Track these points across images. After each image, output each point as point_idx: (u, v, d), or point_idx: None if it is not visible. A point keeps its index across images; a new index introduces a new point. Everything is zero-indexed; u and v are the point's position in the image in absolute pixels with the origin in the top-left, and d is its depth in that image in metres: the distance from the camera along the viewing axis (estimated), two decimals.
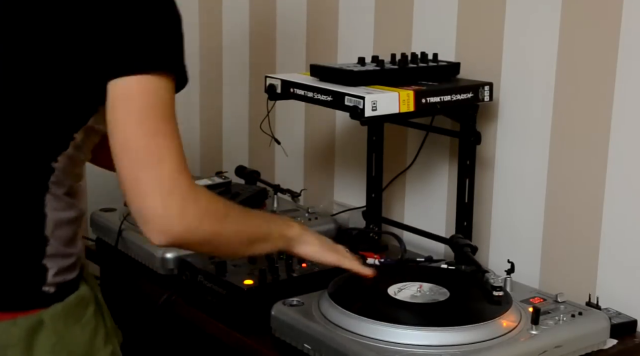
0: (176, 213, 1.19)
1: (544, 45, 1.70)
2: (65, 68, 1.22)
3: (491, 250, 1.86)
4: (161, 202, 1.18)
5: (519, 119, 1.78)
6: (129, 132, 1.19)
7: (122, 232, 1.86)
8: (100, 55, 1.20)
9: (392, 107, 1.59)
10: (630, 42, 1.58)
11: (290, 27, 2.29)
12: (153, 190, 1.18)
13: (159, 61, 1.21)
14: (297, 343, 1.44)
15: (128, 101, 1.19)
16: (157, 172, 1.18)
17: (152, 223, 1.20)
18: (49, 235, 1.27)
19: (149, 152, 1.18)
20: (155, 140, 1.19)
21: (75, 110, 1.26)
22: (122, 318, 1.96)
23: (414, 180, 2.01)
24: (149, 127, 1.19)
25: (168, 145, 1.20)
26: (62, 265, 1.29)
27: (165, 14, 1.23)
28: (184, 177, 1.21)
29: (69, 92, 1.24)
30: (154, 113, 1.19)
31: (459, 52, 1.87)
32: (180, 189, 1.20)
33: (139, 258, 1.82)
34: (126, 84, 1.19)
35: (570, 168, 1.70)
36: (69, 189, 1.30)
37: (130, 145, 1.19)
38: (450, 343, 1.34)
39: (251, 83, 2.42)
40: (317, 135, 2.26)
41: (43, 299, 1.27)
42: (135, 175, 1.19)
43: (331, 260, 1.46)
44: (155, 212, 1.19)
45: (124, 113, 1.19)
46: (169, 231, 1.20)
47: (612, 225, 1.64)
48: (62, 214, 1.29)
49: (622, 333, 1.53)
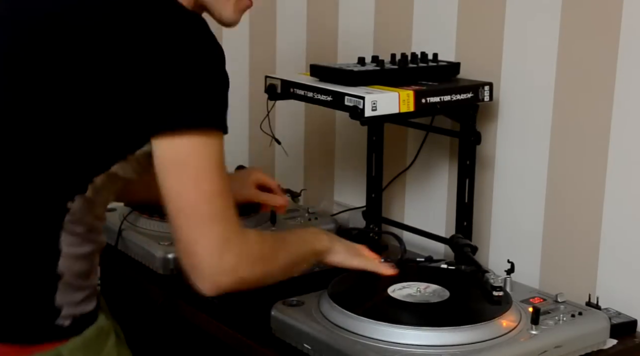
0: (229, 269, 1.23)
1: (544, 45, 1.70)
2: (100, 113, 1.21)
3: (491, 250, 1.86)
4: (215, 261, 1.21)
5: (519, 119, 1.78)
6: (184, 193, 1.20)
7: (122, 232, 1.86)
8: (143, 106, 1.19)
9: (392, 107, 1.59)
10: (630, 42, 1.58)
11: (290, 27, 2.29)
12: (210, 250, 1.21)
13: (207, 118, 1.21)
14: (297, 343, 1.44)
15: (181, 164, 1.20)
16: (213, 232, 1.21)
17: (207, 280, 1.23)
18: (63, 270, 1.27)
19: (206, 213, 1.20)
20: (211, 202, 1.21)
21: (100, 156, 1.24)
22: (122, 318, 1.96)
23: (414, 180, 2.01)
24: (207, 190, 1.20)
25: (224, 205, 1.22)
26: (76, 298, 1.29)
27: (214, 71, 1.22)
28: (237, 231, 1.24)
29: (98, 136, 1.22)
30: (210, 174, 1.21)
31: (459, 52, 1.87)
32: (234, 245, 1.23)
33: (139, 258, 1.81)
34: (176, 144, 1.19)
35: (570, 168, 1.70)
36: (88, 227, 1.30)
37: (187, 208, 1.20)
38: (450, 343, 1.34)
39: (251, 83, 2.42)
40: (317, 135, 2.26)
41: (58, 332, 1.27)
42: (192, 234, 1.21)
43: (357, 266, 1.52)
44: (210, 269, 1.22)
45: (179, 175, 1.20)
46: (221, 285, 1.24)
47: (612, 225, 1.64)
48: (78, 249, 1.29)
49: (622, 333, 1.53)
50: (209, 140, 1.20)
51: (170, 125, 1.18)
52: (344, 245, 1.52)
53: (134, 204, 1.88)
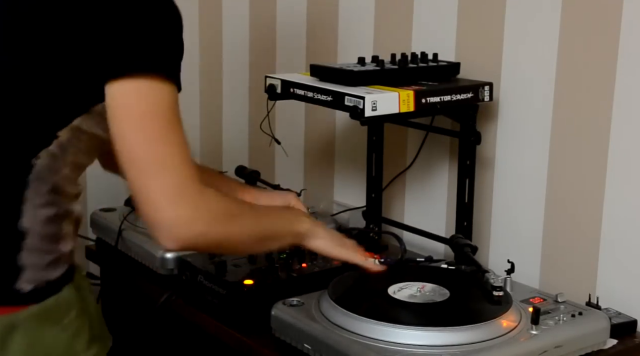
0: (186, 220, 1.20)
1: (544, 45, 1.70)
2: (54, 65, 1.21)
3: (491, 250, 1.86)
4: (170, 210, 1.19)
5: (519, 119, 1.78)
6: (132, 140, 1.19)
7: (122, 232, 1.86)
8: (95, 54, 1.19)
9: (392, 107, 1.59)
10: (630, 42, 1.58)
11: (290, 27, 2.29)
12: (161, 198, 1.19)
13: (156, 63, 1.20)
14: (297, 343, 1.44)
15: (127, 108, 1.19)
16: (164, 180, 1.19)
17: (163, 231, 1.20)
18: (27, 229, 1.25)
19: (154, 161, 1.18)
20: (159, 148, 1.19)
21: (61, 108, 1.23)
22: (122, 318, 1.96)
23: (414, 180, 2.01)
24: (152, 134, 1.19)
25: (173, 151, 1.19)
26: (40, 261, 1.27)
27: (165, 18, 1.22)
28: (192, 182, 1.21)
29: (55, 89, 1.22)
30: (155, 119, 1.19)
31: (459, 52, 1.87)
32: (189, 196, 1.20)
33: (139, 258, 1.81)
34: (124, 89, 1.18)
35: (570, 168, 1.70)
36: (54, 187, 1.27)
37: (134, 154, 1.19)
38: (450, 343, 1.34)
39: (251, 83, 2.42)
40: (317, 135, 2.26)
41: (16, 297, 1.25)
42: (143, 184, 1.19)
43: (340, 255, 1.49)
44: (165, 220, 1.19)
45: (125, 121, 1.19)
46: (180, 238, 1.21)
47: (612, 225, 1.64)
48: (44, 210, 1.26)
49: (622, 333, 1.53)
50: (156, 85, 1.19)
51: (119, 70, 1.18)
52: (328, 232, 1.48)
53: None
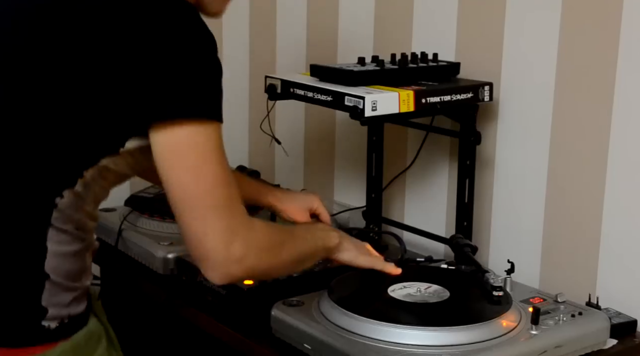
0: (238, 258, 1.22)
1: (544, 45, 1.70)
2: (90, 105, 1.19)
3: (491, 250, 1.86)
4: (221, 250, 1.21)
5: (519, 119, 1.78)
6: (186, 185, 1.19)
7: (122, 231, 1.86)
8: (136, 99, 1.18)
9: (392, 107, 1.59)
10: (631, 43, 1.58)
11: (290, 27, 2.29)
12: (217, 240, 1.20)
13: (206, 109, 1.20)
14: (297, 343, 1.44)
15: (181, 154, 1.19)
16: (219, 221, 1.20)
17: (213, 269, 1.22)
18: (49, 270, 1.24)
19: (208, 202, 1.19)
20: (214, 192, 1.20)
21: (89, 149, 1.22)
22: (122, 318, 1.96)
23: (414, 180, 2.01)
24: (207, 179, 1.19)
25: (226, 192, 1.21)
26: (64, 299, 1.26)
27: (207, 60, 1.21)
28: (243, 221, 1.23)
29: (86, 129, 1.21)
30: (210, 165, 1.20)
31: (459, 52, 1.87)
32: (241, 234, 1.22)
33: (139, 258, 1.81)
34: (175, 135, 1.18)
35: (570, 168, 1.70)
36: (77, 224, 1.27)
37: (188, 196, 1.19)
38: (450, 343, 1.34)
39: (251, 83, 2.42)
40: (317, 135, 2.26)
41: (45, 335, 1.24)
42: (195, 224, 1.20)
43: (365, 264, 1.53)
44: (216, 259, 1.21)
45: (179, 167, 1.19)
46: (231, 274, 1.24)
47: (612, 225, 1.64)
48: (67, 248, 1.26)
49: (622, 333, 1.53)
50: (205, 129, 1.19)
51: (164, 116, 1.18)
52: (353, 243, 1.52)
53: None
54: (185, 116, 1.18)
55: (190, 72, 1.19)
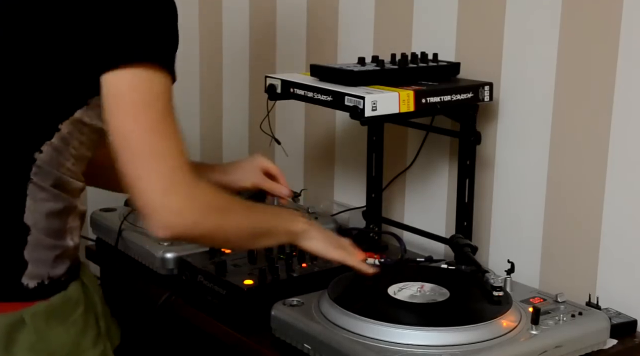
0: (177, 209, 1.21)
1: (544, 45, 1.70)
2: (52, 58, 1.22)
3: (491, 250, 1.86)
4: (161, 198, 1.19)
5: (519, 119, 1.78)
6: (125, 129, 1.19)
7: (122, 232, 1.86)
8: (90, 46, 1.20)
9: (392, 107, 1.59)
10: (630, 43, 1.58)
11: (290, 27, 2.29)
12: (153, 187, 1.19)
13: (149, 53, 1.20)
14: (297, 343, 1.44)
15: (122, 97, 1.19)
16: (157, 169, 1.19)
17: (154, 219, 1.21)
18: (30, 224, 1.26)
19: (147, 150, 1.19)
20: (152, 137, 1.19)
21: (60, 101, 1.24)
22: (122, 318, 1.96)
23: (414, 180, 2.01)
24: (146, 124, 1.19)
25: (166, 141, 1.20)
26: (44, 256, 1.27)
27: (159, 7, 1.22)
28: (184, 172, 1.21)
29: (54, 82, 1.23)
30: (149, 109, 1.19)
31: (459, 52, 1.87)
32: (181, 185, 1.21)
33: (139, 258, 1.82)
34: (118, 79, 1.19)
35: (570, 168, 1.70)
36: (57, 181, 1.28)
37: (128, 142, 1.19)
38: (450, 343, 1.34)
39: (251, 83, 2.42)
40: (317, 135, 2.26)
41: (23, 293, 1.25)
42: (136, 172, 1.19)
43: (335, 257, 1.48)
44: (156, 208, 1.20)
45: (119, 111, 1.19)
46: (170, 226, 1.21)
47: (612, 224, 1.64)
48: (47, 205, 1.27)
49: (622, 333, 1.53)
50: (148, 75, 1.19)
51: (113, 61, 1.19)
52: (323, 233, 1.48)
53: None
54: (128, 60, 1.18)
55: (137, 17, 1.20)
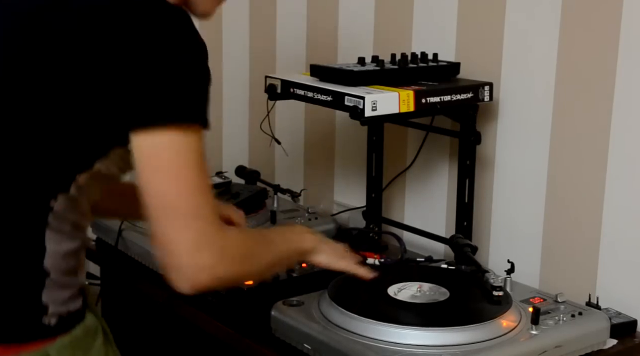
0: (210, 267, 1.20)
1: (544, 45, 1.70)
2: (79, 110, 1.19)
3: (491, 250, 1.86)
4: (193, 259, 1.19)
5: (519, 119, 1.78)
6: (164, 190, 1.18)
7: (122, 232, 1.86)
8: (121, 102, 1.17)
9: (392, 107, 1.59)
10: (630, 42, 1.58)
11: (290, 27, 2.29)
12: (186, 248, 1.19)
13: (187, 113, 1.18)
14: (297, 343, 1.44)
15: (158, 158, 1.18)
16: (196, 229, 1.19)
17: (182, 278, 1.20)
18: (49, 268, 1.25)
19: (182, 210, 1.18)
20: (193, 198, 1.18)
21: (82, 154, 1.23)
22: (122, 318, 1.96)
23: (414, 180, 2.01)
24: (186, 185, 1.18)
25: (203, 200, 1.19)
26: (63, 296, 1.27)
27: (194, 66, 1.20)
28: (216, 228, 1.21)
29: (79, 134, 1.21)
30: (186, 169, 1.18)
31: (459, 52, 1.87)
32: (213, 244, 1.21)
33: (139, 258, 1.82)
34: (155, 139, 1.17)
35: (570, 168, 1.70)
36: (74, 224, 1.28)
37: (163, 204, 1.18)
38: (450, 343, 1.34)
39: (251, 83, 2.42)
40: (317, 135, 2.26)
41: (45, 331, 1.25)
42: (170, 232, 1.18)
43: (341, 267, 1.50)
44: (186, 268, 1.20)
45: (155, 171, 1.18)
46: (198, 284, 1.21)
47: (612, 224, 1.64)
48: (64, 246, 1.27)
49: (622, 333, 1.53)
50: (186, 135, 1.18)
51: (147, 120, 1.17)
52: (329, 245, 1.49)
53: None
54: (165, 121, 1.17)
55: (174, 76, 1.18)
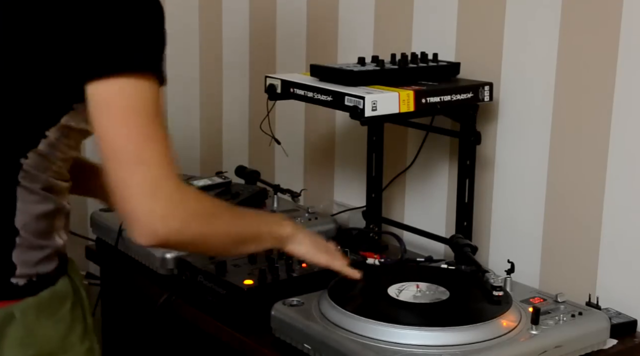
0: (160, 216, 1.20)
1: (544, 45, 1.70)
2: (37, 65, 1.21)
3: (491, 250, 1.86)
4: (145, 205, 1.19)
5: (519, 119, 1.78)
6: (113, 135, 1.19)
7: (122, 232, 1.86)
8: (77, 54, 1.19)
9: (392, 107, 1.59)
10: (630, 42, 1.58)
11: (290, 27, 2.29)
12: (137, 193, 1.19)
13: (137, 62, 1.20)
14: (297, 343, 1.44)
15: (109, 105, 1.19)
16: (142, 175, 1.19)
17: (137, 226, 1.20)
18: (19, 227, 1.26)
19: (133, 155, 1.19)
20: (140, 142, 1.19)
21: (46, 108, 1.24)
22: (122, 318, 1.96)
23: (414, 180, 2.01)
24: (133, 129, 1.19)
25: (153, 147, 1.20)
26: (33, 257, 1.27)
27: (145, 13, 1.21)
28: (170, 179, 1.21)
29: (40, 89, 1.22)
30: (137, 115, 1.19)
31: (459, 52, 1.87)
32: (165, 192, 1.20)
33: (139, 258, 1.82)
34: (107, 87, 1.19)
35: (570, 168, 1.70)
36: (46, 184, 1.28)
37: (114, 149, 1.19)
38: (450, 343, 1.34)
39: (251, 83, 2.42)
40: (317, 135, 2.26)
41: (12, 291, 1.26)
42: (121, 177, 1.19)
43: (321, 261, 1.48)
44: (139, 214, 1.19)
45: (107, 118, 1.19)
46: (154, 233, 1.21)
47: (612, 225, 1.64)
48: (36, 207, 1.27)
49: (622, 333, 1.53)
50: (138, 83, 1.19)
51: (99, 70, 1.18)
52: (310, 238, 1.47)
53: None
54: (115, 70, 1.18)
55: (125, 25, 1.19)
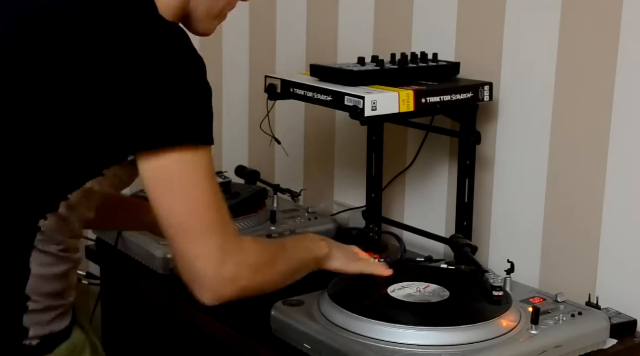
0: (229, 280, 1.22)
1: (544, 45, 1.70)
2: (78, 129, 1.17)
3: (491, 250, 1.86)
4: (213, 271, 1.21)
5: (519, 119, 1.78)
6: (176, 209, 1.19)
7: (122, 232, 1.86)
8: (126, 124, 1.16)
9: (392, 107, 1.59)
10: (630, 42, 1.58)
11: (290, 27, 2.29)
12: (205, 262, 1.20)
13: (193, 135, 1.18)
14: (297, 343, 1.44)
15: (171, 180, 1.18)
16: (207, 245, 1.20)
17: (205, 290, 1.22)
18: (32, 292, 1.21)
19: (198, 227, 1.19)
20: (203, 215, 1.19)
21: (74, 172, 1.21)
22: (122, 318, 1.96)
23: (414, 180, 2.01)
24: (197, 203, 1.19)
25: (214, 215, 1.20)
26: (46, 318, 1.24)
27: (196, 84, 1.19)
28: (233, 242, 1.23)
29: (70, 153, 1.19)
30: (197, 188, 1.19)
31: (459, 52, 1.87)
32: (233, 256, 1.22)
33: (139, 258, 1.81)
34: (166, 162, 1.17)
35: (570, 168, 1.70)
36: (63, 246, 1.24)
37: (178, 222, 1.19)
38: (450, 343, 1.34)
39: (251, 83, 2.42)
40: (317, 135, 2.26)
41: (27, 352, 1.22)
42: (187, 248, 1.20)
43: (356, 270, 1.51)
44: (208, 281, 1.21)
45: (170, 193, 1.19)
46: (222, 296, 1.23)
47: (612, 225, 1.64)
48: (51, 270, 1.23)
49: (622, 333, 1.53)
50: (194, 155, 1.18)
51: (154, 143, 1.16)
52: (342, 250, 1.51)
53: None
54: (172, 144, 1.16)
55: (177, 97, 1.17)
